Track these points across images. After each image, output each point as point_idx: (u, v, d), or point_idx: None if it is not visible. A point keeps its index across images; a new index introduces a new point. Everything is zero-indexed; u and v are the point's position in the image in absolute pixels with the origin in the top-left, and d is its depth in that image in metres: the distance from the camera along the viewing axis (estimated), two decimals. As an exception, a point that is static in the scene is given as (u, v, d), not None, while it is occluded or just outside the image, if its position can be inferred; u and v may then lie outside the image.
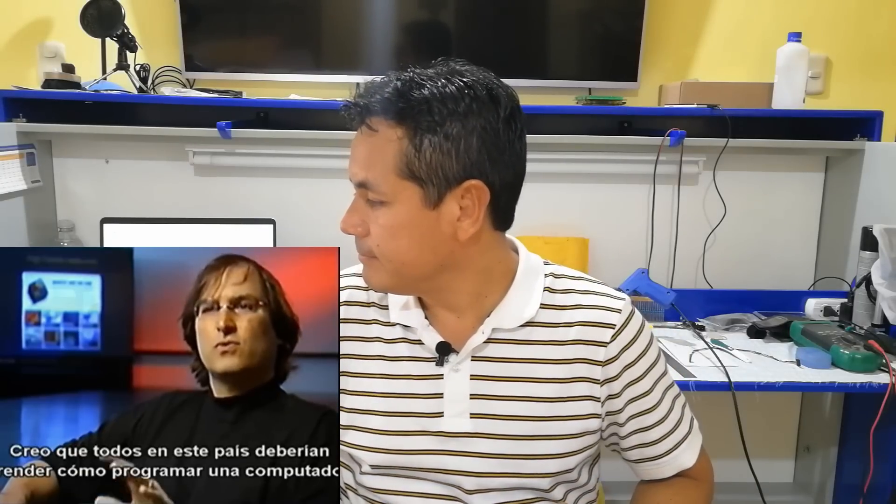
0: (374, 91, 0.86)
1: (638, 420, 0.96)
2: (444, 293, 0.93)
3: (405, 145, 0.84)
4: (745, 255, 2.26)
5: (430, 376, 0.93)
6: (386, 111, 0.84)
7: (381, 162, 0.85)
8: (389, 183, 0.85)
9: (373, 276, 0.92)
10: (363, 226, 0.88)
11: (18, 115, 1.99)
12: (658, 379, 0.98)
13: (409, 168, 0.84)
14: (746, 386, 1.62)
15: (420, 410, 0.93)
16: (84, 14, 1.96)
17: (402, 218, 0.86)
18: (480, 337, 0.93)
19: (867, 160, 2.07)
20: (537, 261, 0.98)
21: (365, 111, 0.86)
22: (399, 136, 0.84)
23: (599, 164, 2.17)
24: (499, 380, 0.93)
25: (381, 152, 0.84)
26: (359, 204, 0.88)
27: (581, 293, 0.96)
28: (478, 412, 0.92)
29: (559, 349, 0.93)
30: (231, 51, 2.18)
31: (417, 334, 0.94)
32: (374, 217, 0.87)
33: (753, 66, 2.22)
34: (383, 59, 2.16)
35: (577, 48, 2.24)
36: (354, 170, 0.87)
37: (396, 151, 0.84)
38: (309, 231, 2.14)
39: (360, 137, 0.87)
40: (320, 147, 2.10)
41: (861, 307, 1.89)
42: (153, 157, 2.15)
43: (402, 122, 0.84)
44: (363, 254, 0.90)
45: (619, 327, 0.94)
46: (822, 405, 2.25)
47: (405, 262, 0.88)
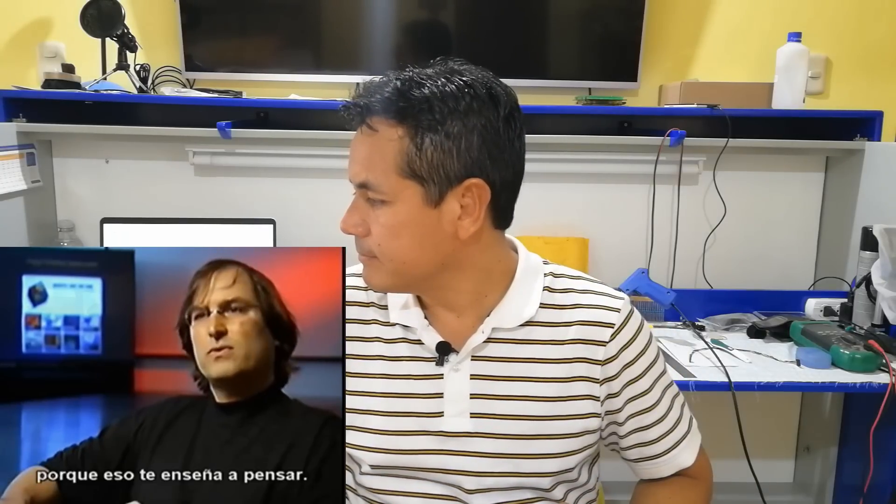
0: (374, 91, 0.86)
1: (637, 419, 0.97)
2: (444, 292, 0.93)
3: (406, 144, 0.84)
4: (745, 255, 2.26)
5: (429, 376, 0.94)
6: (386, 111, 0.84)
7: (381, 161, 0.85)
8: (390, 182, 0.85)
9: (373, 277, 0.92)
10: (363, 225, 0.88)
11: (18, 115, 1.99)
12: (657, 378, 0.98)
13: (411, 167, 0.84)
14: (746, 386, 1.62)
15: (420, 410, 0.93)
16: (84, 14, 1.96)
17: (403, 217, 0.86)
18: (480, 336, 0.93)
19: (867, 160, 2.07)
20: (537, 260, 0.99)
21: (365, 111, 0.85)
22: (400, 135, 0.84)
23: (599, 164, 2.17)
24: (499, 379, 0.93)
25: (381, 152, 0.85)
26: (359, 203, 0.88)
27: (580, 293, 0.96)
28: (478, 412, 0.92)
29: (558, 348, 0.93)
30: (231, 51, 2.18)
31: (417, 334, 0.94)
32: (374, 216, 0.87)
33: (753, 66, 2.22)
34: (383, 59, 2.16)
35: (577, 48, 2.24)
36: (355, 169, 0.87)
37: (397, 151, 0.84)
38: (309, 231, 2.14)
39: (359, 137, 0.87)
40: (320, 147, 2.10)
41: (861, 307, 1.89)
42: (153, 157, 2.15)
43: (403, 122, 0.84)
44: (363, 254, 0.90)
45: (618, 326, 0.94)
46: (822, 405, 2.25)
47: (406, 261, 0.88)
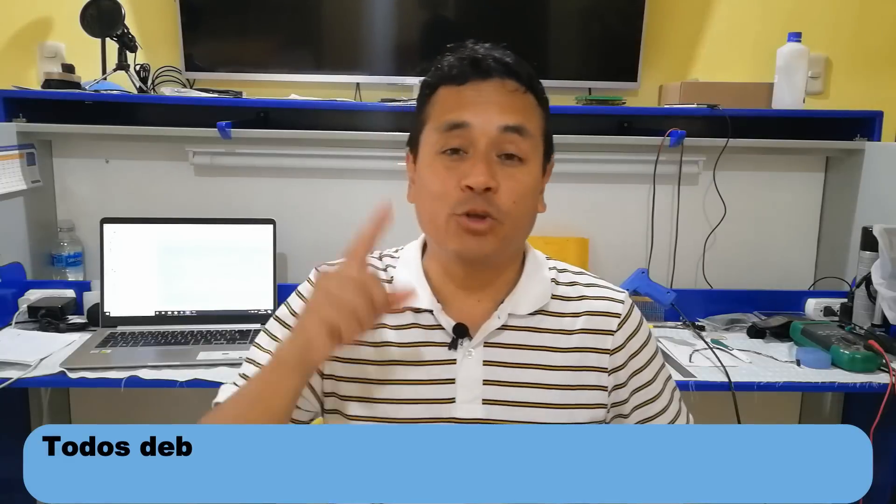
0: (494, 50, 0.88)
1: (641, 411, 0.97)
2: (494, 271, 0.94)
3: (540, 111, 0.90)
4: (745, 255, 2.26)
5: (441, 361, 0.92)
6: (520, 76, 0.88)
7: (533, 116, 0.88)
8: (535, 139, 0.88)
9: (486, 243, 0.86)
10: (496, 181, 0.84)
11: (18, 115, 1.99)
12: (660, 369, 0.99)
13: (545, 130, 0.91)
14: (746, 386, 1.62)
15: (432, 397, 0.91)
16: (84, 14, 1.96)
17: (533, 178, 0.88)
18: (496, 322, 0.92)
19: (867, 160, 2.07)
20: (540, 255, 1.00)
21: (505, 70, 0.87)
22: (534, 102, 0.89)
23: (599, 164, 2.17)
24: (511, 366, 0.92)
25: (531, 108, 0.89)
26: (491, 158, 0.85)
27: (585, 286, 0.98)
28: (490, 398, 0.91)
29: (568, 338, 0.94)
30: (231, 51, 2.18)
31: (433, 318, 0.93)
32: (508, 174, 0.86)
33: (753, 66, 2.22)
34: (383, 59, 2.16)
35: (577, 48, 2.24)
36: (508, 115, 0.85)
37: (540, 113, 0.90)
38: (309, 231, 2.14)
39: (500, 89, 0.87)
40: (320, 147, 2.11)
41: (861, 307, 1.89)
42: (153, 157, 2.15)
43: (533, 91, 0.89)
44: (482, 214, 0.84)
45: (623, 316, 0.95)
46: (822, 405, 2.25)
47: (521, 226, 0.89)
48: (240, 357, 1.66)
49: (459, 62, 0.87)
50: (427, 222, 0.90)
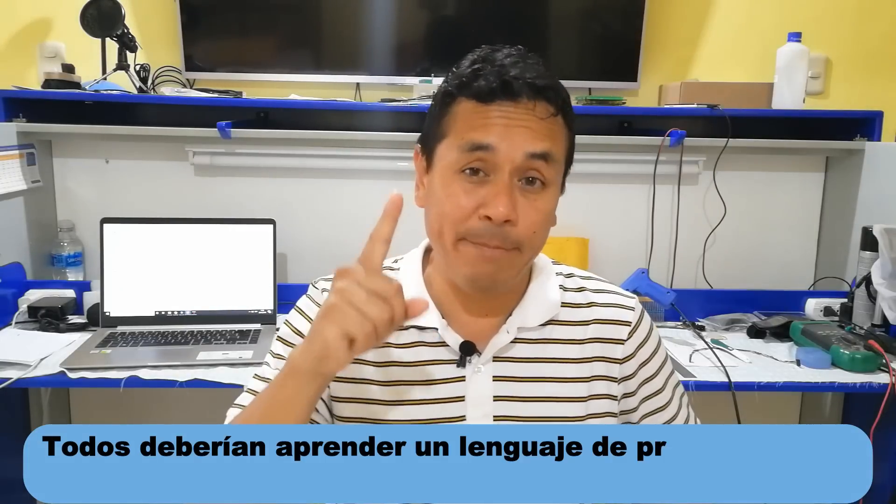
0: (526, 69, 0.81)
1: (652, 418, 0.96)
2: (505, 292, 0.90)
3: (567, 132, 0.86)
4: (745, 255, 2.26)
5: (450, 379, 0.89)
6: (550, 100, 0.82)
7: (560, 140, 0.85)
8: (559, 164, 0.85)
9: (505, 271, 0.84)
10: (516, 212, 0.81)
11: (18, 115, 1.99)
12: (668, 377, 0.98)
13: (569, 150, 0.88)
14: (746, 386, 1.62)
15: (441, 416, 0.88)
16: (84, 14, 1.96)
17: (553, 202, 0.86)
18: (506, 337, 0.89)
19: (867, 160, 2.07)
20: (545, 258, 0.97)
21: (536, 92, 0.81)
22: (562, 125, 0.85)
23: (599, 164, 2.17)
24: (522, 380, 0.89)
25: (559, 133, 0.84)
26: (512, 186, 0.81)
27: (594, 292, 0.95)
28: (501, 414, 0.88)
29: (579, 348, 0.92)
30: (231, 51, 2.18)
31: (438, 335, 0.90)
32: (529, 201, 0.82)
33: (753, 66, 2.22)
34: (383, 59, 2.16)
35: (577, 48, 2.24)
36: (536, 142, 0.81)
37: (567, 135, 0.86)
38: (309, 231, 2.15)
39: (529, 113, 0.81)
40: (320, 147, 2.11)
41: (861, 307, 1.89)
42: (153, 157, 2.15)
43: (563, 116, 0.85)
44: (502, 246, 0.82)
45: (634, 324, 0.94)
46: (822, 405, 2.25)
47: (538, 249, 0.86)
48: (240, 357, 1.66)
49: (487, 80, 0.81)
50: (436, 237, 0.86)
